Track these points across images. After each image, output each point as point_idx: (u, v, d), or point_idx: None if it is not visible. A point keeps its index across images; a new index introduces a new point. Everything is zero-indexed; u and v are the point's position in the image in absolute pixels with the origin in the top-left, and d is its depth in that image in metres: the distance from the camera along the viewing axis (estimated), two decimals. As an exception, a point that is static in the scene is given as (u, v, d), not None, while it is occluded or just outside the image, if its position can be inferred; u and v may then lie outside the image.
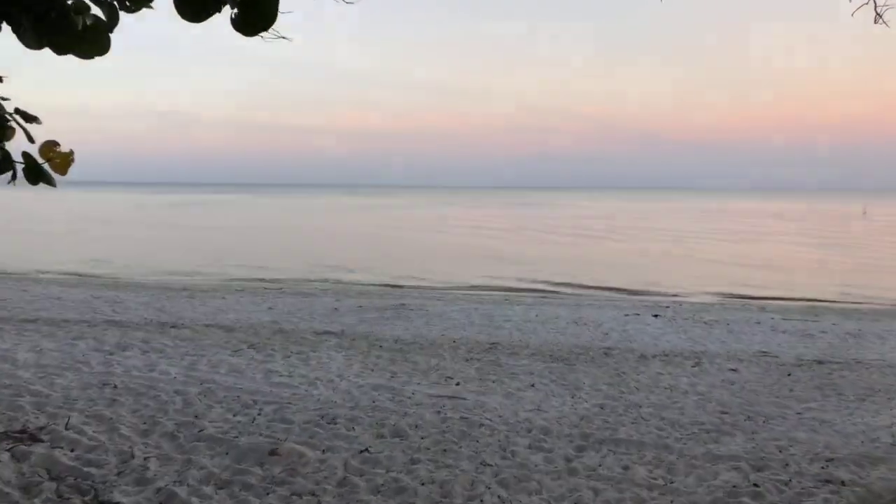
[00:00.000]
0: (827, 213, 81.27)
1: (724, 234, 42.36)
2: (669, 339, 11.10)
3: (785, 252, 31.43)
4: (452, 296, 16.34)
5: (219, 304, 13.91)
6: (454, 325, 11.77)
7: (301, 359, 8.42)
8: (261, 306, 13.73)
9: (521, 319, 12.43)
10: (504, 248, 32.04)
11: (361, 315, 12.72)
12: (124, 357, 8.05)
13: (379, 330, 11.22)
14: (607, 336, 11.19)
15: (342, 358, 8.64)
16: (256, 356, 8.50)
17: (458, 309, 13.55)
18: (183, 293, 15.67)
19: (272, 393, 6.46)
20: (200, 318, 12.17)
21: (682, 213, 78.45)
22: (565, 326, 11.89)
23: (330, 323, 11.87)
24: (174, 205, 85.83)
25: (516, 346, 10.15)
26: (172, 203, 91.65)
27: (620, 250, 31.40)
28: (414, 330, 11.33)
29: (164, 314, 12.47)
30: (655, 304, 15.17)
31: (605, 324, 12.21)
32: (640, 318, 12.98)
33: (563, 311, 13.69)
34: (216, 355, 8.45)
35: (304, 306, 13.77)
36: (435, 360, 8.86)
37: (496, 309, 13.67)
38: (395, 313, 12.95)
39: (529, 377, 7.85)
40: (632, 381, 7.89)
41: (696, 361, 9.25)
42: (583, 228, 47.56)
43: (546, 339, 10.82)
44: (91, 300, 13.99)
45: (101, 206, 77.16)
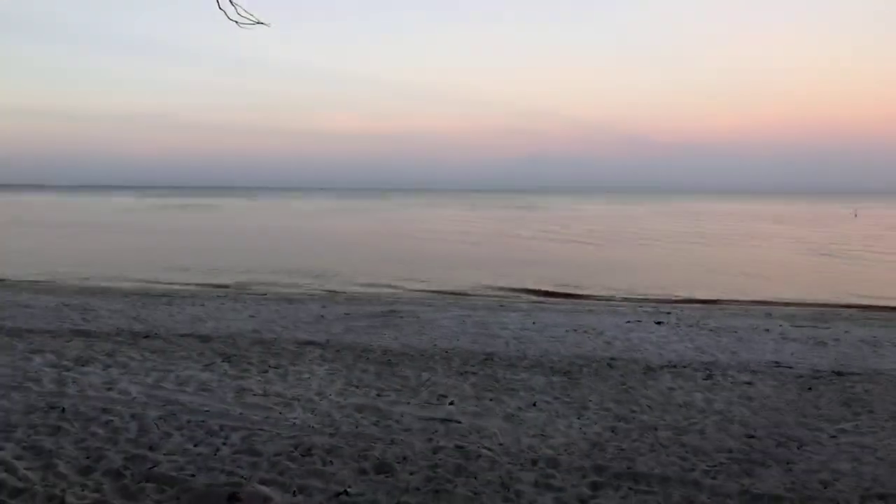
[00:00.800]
0: (819, 215, 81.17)
1: (715, 237, 41.91)
2: (675, 348, 10.43)
3: (778, 255, 30.93)
4: (444, 301, 15.62)
5: (198, 312, 13.13)
6: (446, 334, 11.05)
7: (279, 374, 7.68)
8: (242, 314, 12.97)
9: (517, 327, 11.73)
10: (495, 252, 31.36)
11: (348, 323, 11.99)
12: (82, 373, 7.28)
13: (366, 339, 10.49)
14: (610, 345, 10.51)
15: (325, 372, 7.91)
16: (230, 371, 7.76)
17: (451, 316, 12.84)
18: (161, 300, 14.87)
19: (242, 416, 5.72)
20: (176, 326, 11.40)
21: (673, 215, 78.16)
22: (564, 335, 11.20)
23: (315, 332, 11.13)
24: (159, 208, 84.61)
25: (513, 357, 9.45)
26: (157, 206, 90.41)
27: (613, 254, 30.79)
28: (404, 339, 10.61)
29: (137, 323, 11.70)
30: (656, 311, 14.51)
31: (607, 332, 11.53)
32: (642, 325, 12.31)
33: (561, 317, 13.01)
34: (186, 370, 7.70)
35: (288, 313, 13.02)
36: (426, 374, 8.15)
37: (490, 316, 12.97)
38: (384, 321, 12.23)
39: (530, 394, 7.15)
40: (642, 397, 7.20)
41: (708, 373, 8.59)
42: (575, 231, 47.02)
43: (545, 349, 10.12)
44: (61, 308, 13.19)
45: (82, 210, 75.88)
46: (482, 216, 70.62)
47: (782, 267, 25.94)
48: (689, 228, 50.81)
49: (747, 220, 66.61)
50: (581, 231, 46.94)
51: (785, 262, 27.52)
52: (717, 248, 33.71)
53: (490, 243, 35.96)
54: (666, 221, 61.58)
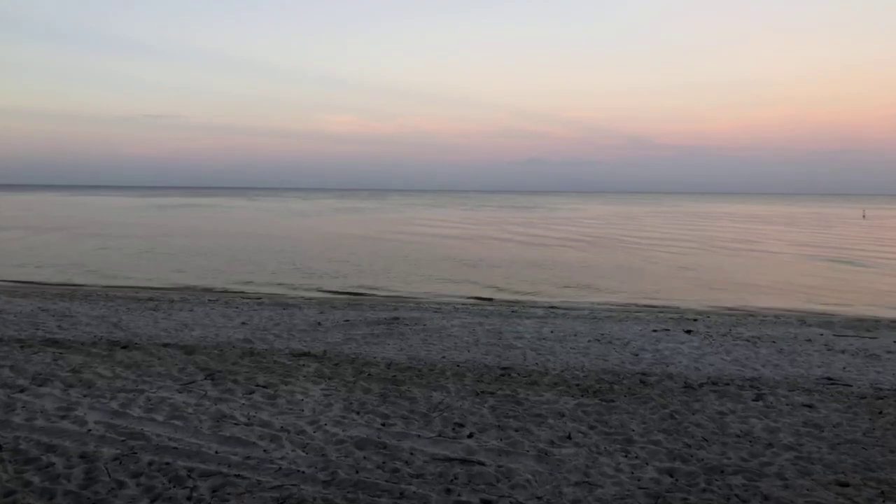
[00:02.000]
0: (827, 217, 79.92)
1: (726, 241, 40.86)
2: (712, 360, 9.37)
3: (794, 259, 29.82)
4: (451, 307, 14.56)
5: (185, 318, 12.09)
6: (457, 345, 10.00)
7: (267, 396, 6.62)
8: (233, 320, 11.93)
9: (533, 336, 10.68)
10: (503, 254, 30.29)
11: (348, 331, 10.94)
12: (36, 395, 6.23)
13: (368, 351, 9.44)
14: (639, 357, 9.45)
15: (320, 393, 6.85)
16: (211, 391, 6.70)
17: (460, 323, 11.78)
18: (148, 304, 13.83)
19: (217, 456, 4.67)
20: (160, 334, 10.36)
21: (678, 217, 77.11)
22: (587, 345, 10.14)
23: (311, 341, 10.09)
24: (158, 207, 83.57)
25: (534, 371, 8.40)
26: (156, 206, 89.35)
27: (625, 257, 29.72)
28: (409, 350, 9.56)
29: (117, 330, 10.66)
30: (682, 318, 13.44)
31: (633, 341, 10.47)
32: (670, 333, 11.26)
33: (581, 325, 11.94)
34: (160, 390, 6.65)
35: (283, 320, 11.98)
36: (437, 393, 7.09)
37: (503, 323, 11.91)
38: (387, 329, 11.18)
39: (561, 421, 6.09)
40: (691, 424, 6.15)
41: (757, 393, 7.53)
42: (582, 234, 46.01)
43: (567, 361, 9.07)
44: (37, 313, 12.15)
45: (80, 210, 74.88)
46: (483, 217, 69.54)
47: (801, 272, 24.86)
48: (697, 231, 49.80)
49: (757, 222, 65.54)
50: (584, 234, 45.93)
51: (803, 267, 26.43)
52: (730, 252, 32.65)
53: (496, 246, 34.89)
54: (672, 224, 60.57)
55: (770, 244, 36.25)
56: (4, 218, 53.01)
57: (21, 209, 70.54)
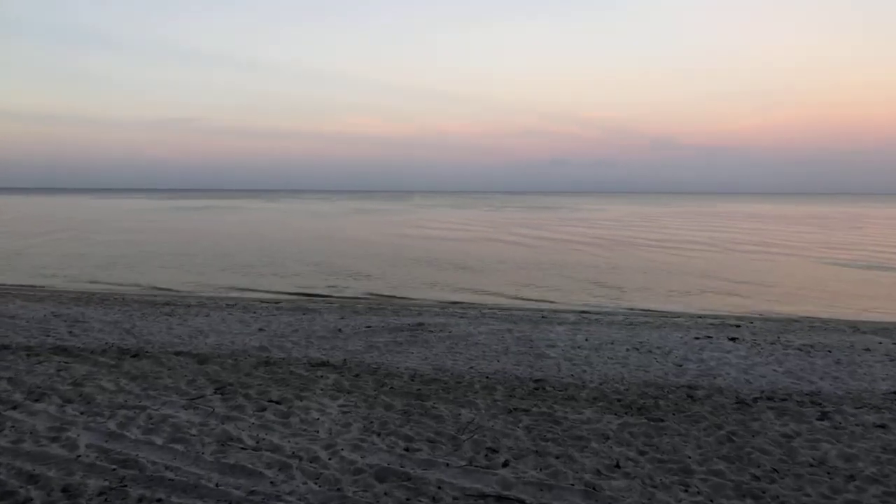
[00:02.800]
0: (859, 216, 77.74)
1: (754, 243, 39.69)
2: (763, 372, 8.60)
3: (828, 262, 28.66)
4: (477, 311, 13.90)
5: (201, 324, 11.61)
6: (485, 354, 9.35)
7: (280, 413, 6.04)
8: (251, 326, 11.41)
9: (567, 345, 9.99)
10: (529, 256, 29.56)
11: (370, 338, 10.35)
12: (30, 413, 5.72)
13: (390, 360, 8.84)
14: (682, 368, 8.72)
15: (338, 410, 6.25)
16: (219, 408, 6.14)
17: (487, 330, 11.13)
18: (163, 309, 13.39)
19: (217, 490, 4.09)
20: (173, 342, 9.87)
21: (706, 218, 75.57)
22: (625, 355, 9.43)
23: (330, 350, 9.51)
24: (180, 209, 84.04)
25: (570, 385, 7.73)
26: (178, 208, 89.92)
27: (652, 260, 28.82)
28: (434, 360, 8.94)
29: (129, 337, 10.19)
30: (723, 324, 12.63)
31: (675, 350, 9.73)
32: (713, 341, 10.49)
33: (617, 332, 11.21)
34: (164, 407, 6.11)
35: (302, 326, 11.43)
36: (466, 410, 6.46)
37: (533, 330, 11.22)
38: (410, 336, 10.57)
39: (606, 446, 5.41)
40: (755, 450, 5.43)
41: (821, 411, 6.78)
42: (606, 236, 45.08)
43: (605, 373, 8.38)
44: (50, 318, 11.75)
45: (102, 212, 75.53)
46: (505, 219, 68.76)
47: (838, 276, 23.78)
48: (725, 233, 48.56)
49: (786, 223, 63.93)
50: (608, 236, 45.01)
51: (839, 271, 25.32)
52: (761, 255, 31.57)
53: (521, 246, 34.17)
54: (698, 225, 59.28)
55: (801, 246, 35.05)
56: (29, 221, 53.53)
57: (46, 212, 71.40)
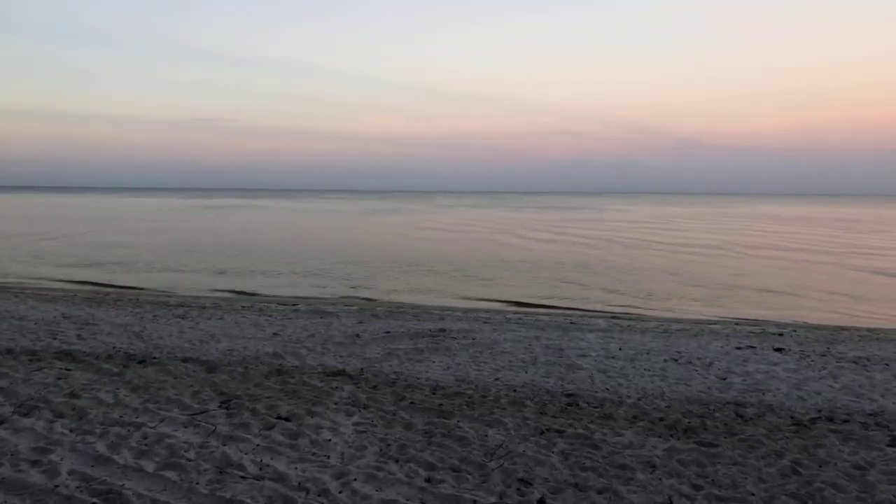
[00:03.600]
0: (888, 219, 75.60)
1: (789, 246, 38.52)
2: (817, 388, 7.86)
3: (853, 266, 27.53)
4: (502, 317, 13.26)
5: (213, 327, 11.12)
6: (511, 363, 8.72)
7: (288, 433, 5.47)
8: (265, 330, 10.90)
9: (600, 354, 9.31)
10: (551, 257, 28.84)
11: (389, 345, 9.77)
12: (15, 430, 5.22)
13: (410, 370, 8.25)
14: (727, 382, 8.01)
15: (352, 430, 5.67)
16: (222, 426, 5.59)
17: (514, 337, 10.49)
18: (177, 311, 12.95)
19: (208, 534, 3.50)
20: (182, 347, 9.38)
21: (735, 219, 74.04)
22: (663, 366, 8.73)
23: (347, 357, 8.95)
24: (207, 208, 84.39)
25: (606, 400, 7.07)
26: (205, 207, 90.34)
27: (681, 261, 27.93)
28: (458, 370, 8.33)
29: (138, 341, 9.73)
30: (764, 332, 11.85)
31: (716, 361, 9.01)
32: (757, 352, 9.73)
33: (652, 340, 10.51)
34: (161, 424, 5.57)
35: (318, 331, 10.89)
36: (493, 431, 5.84)
37: (563, 338, 10.56)
38: (431, 342, 9.97)
39: (654, 477, 4.76)
40: (826, 485, 4.74)
41: (889, 435, 6.06)
42: (633, 237, 44.12)
43: (643, 387, 7.70)
44: (59, 320, 11.35)
45: (129, 210, 76.06)
46: (528, 219, 67.90)
47: (874, 282, 22.74)
48: (754, 236, 47.33)
49: (814, 225, 62.33)
50: (634, 237, 44.06)
51: (873, 277, 24.24)
52: (791, 259, 30.50)
53: (542, 247, 33.41)
54: (726, 227, 57.98)
55: (831, 250, 33.84)
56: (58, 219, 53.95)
57: (72, 210, 72.08)
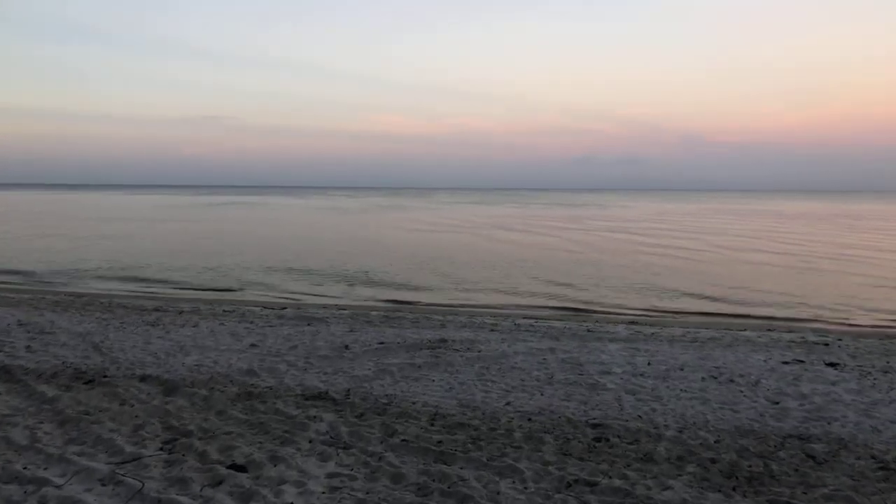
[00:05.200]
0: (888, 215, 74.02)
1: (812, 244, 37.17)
2: (889, 414, 6.57)
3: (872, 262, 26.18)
4: (510, 323, 11.95)
5: (185, 337, 9.85)
6: (524, 383, 7.43)
7: (240, 493, 4.19)
8: (243, 340, 9.63)
9: (626, 371, 8.01)
10: (559, 255, 27.51)
11: (382, 359, 8.49)
12: None
13: (406, 391, 6.98)
14: (781, 408, 6.70)
15: (324, 483, 4.40)
16: (153, 482, 4.31)
17: (525, 349, 9.18)
18: (149, 317, 11.70)
19: None
20: (144, 361, 8.13)
21: (747, 216, 72.70)
22: (702, 386, 7.43)
23: (332, 374, 7.68)
24: (211, 206, 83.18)
25: (640, 432, 5.80)
26: (211, 203, 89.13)
27: (693, 259, 26.60)
28: (461, 391, 7.05)
29: (95, 355, 8.48)
30: (805, 341, 10.52)
31: (763, 380, 7.70)
32: (808, 367, 8.42)
33: (682, 352, 9.19)
34: (75, 479, 4.30)
35: (303, 341, 9.61)
36: (506, 484, 4.58)
37: (581, 350, 9.25)
38: (431, 355, 8.68)
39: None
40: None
41: None
42: (648, 233, 42.80)
43: (683, 413, 6.41)
44: (12, 328, 10.10)
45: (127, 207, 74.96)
46: (533, 215, 66.58)
47: None
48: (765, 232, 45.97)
49: (826, 221, 60.86)
50: (656, 233, 42.76)
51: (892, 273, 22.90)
52: (810, 256, 29.14)
53: (546, 244, 32.10)
54: (738, 223, 56.61)
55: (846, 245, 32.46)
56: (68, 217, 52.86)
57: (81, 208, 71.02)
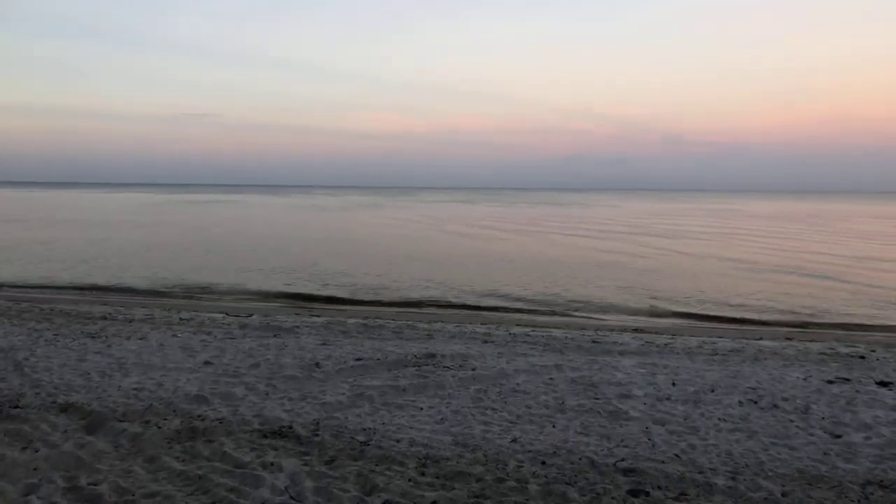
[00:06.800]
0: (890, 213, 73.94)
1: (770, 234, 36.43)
2: (976, 451, 5.36)
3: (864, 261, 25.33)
4: (504, 332, 10.64)
5: (128, 351, 8.45)
6: (531, 410, 6.15)
7: None
8: (196, 356, 8.25)
9: (649, 394, 6.74)
10: (548, 255, 26.33)
11: (359, 379, 7.16)
12: None
13: (388, 423, 5.67)
14: (846, 444, 5.48)
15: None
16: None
17: (527, 366, 7.88)
18: (92, 326, 10.29)
19: None
20: (72, 384, 6.75)
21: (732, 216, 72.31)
22: (742, 413, 6.18)
23: (298, 400, 6.35)
24: (189, 203, 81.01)
25: (685, 481, 4.58)
26: (187, 202, 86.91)
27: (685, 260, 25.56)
28: (456, 423, 5.75)
29: (13, 376, 7.12)
30: (836, 353, 9.33)
31: (812, 405, 6.47)
32: (856, 387, 7.21)
33: (707, 368, 7.94)
34: None
35: (266, 357, 8.24)
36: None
37: (591, 366, 7.96)
38: (418, 375, 7.36)
39: None
40: None
41: None
42: (643, 234, 41.89)
43: (730, 452, 5.19)
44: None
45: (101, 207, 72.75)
46: (518, 215, 65.51)
47: None
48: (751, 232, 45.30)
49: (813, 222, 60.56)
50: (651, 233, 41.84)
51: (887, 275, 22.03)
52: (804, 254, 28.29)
53: (531, 244, 30.92)
54: (721, 222, 55.99)
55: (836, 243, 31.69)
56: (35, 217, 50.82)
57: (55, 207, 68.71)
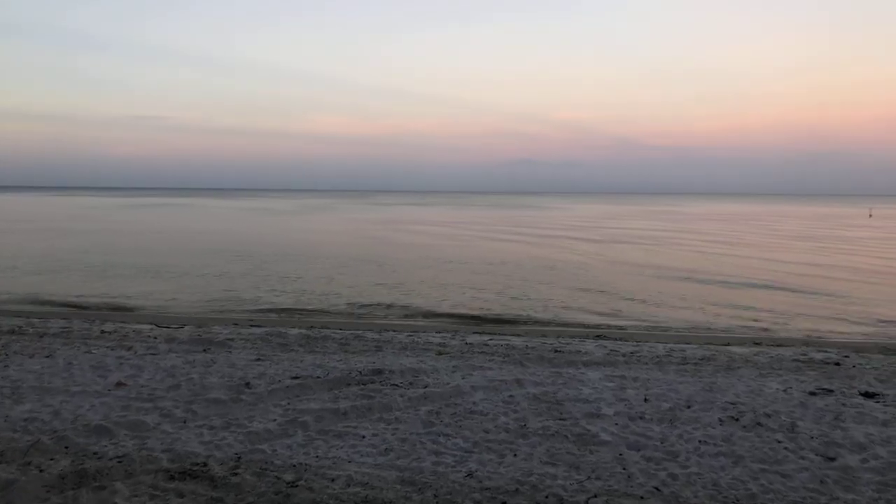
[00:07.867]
0: (835, 215, 76.11)
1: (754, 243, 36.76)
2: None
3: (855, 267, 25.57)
4: (460, 342, 9.85)
5: (27, 373, 7.36)
6: (488, 436, 5.36)
7: None
8: (108, 376, 7.22)
9: (619, 412, 6.03)
10: (498, 257, 25.74)
11: (294, 402, 6.26)
12: None
13: (322, 458, 4.81)
14: (842, 468, 4.89)
15: None
16: None
17: (484, 382, 7.09)
18: (-2, 341, 9.08)
19: None
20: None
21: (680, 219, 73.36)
22: (724, 433, 5.51)
23: (220, 430, 5.42)
24: (136, 207, 77.99)
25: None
26: (135, 205, 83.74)
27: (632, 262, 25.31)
28: (402, 454, 4.93)
29: None
30: (810, 359, 8.84)
31: (798, 421, 5.85)
32: (840, 399, 6.64)
33: (680, 380, 7.28)
34: None
35: (190, 376, 7.25)
36: None
37: (555, 380, 7.22)
38: (361, 396, 6.48)
39: None
40: None
41: None
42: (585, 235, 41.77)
43: (717, 484, 4.55)
44: None
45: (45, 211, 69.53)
46: (470, 217, 65.06)
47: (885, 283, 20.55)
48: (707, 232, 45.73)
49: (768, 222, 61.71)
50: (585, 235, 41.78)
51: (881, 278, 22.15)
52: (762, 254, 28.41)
53: (482, 245, 30.31)
54: (666, 224, 56.62)
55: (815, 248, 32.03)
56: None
57: None
